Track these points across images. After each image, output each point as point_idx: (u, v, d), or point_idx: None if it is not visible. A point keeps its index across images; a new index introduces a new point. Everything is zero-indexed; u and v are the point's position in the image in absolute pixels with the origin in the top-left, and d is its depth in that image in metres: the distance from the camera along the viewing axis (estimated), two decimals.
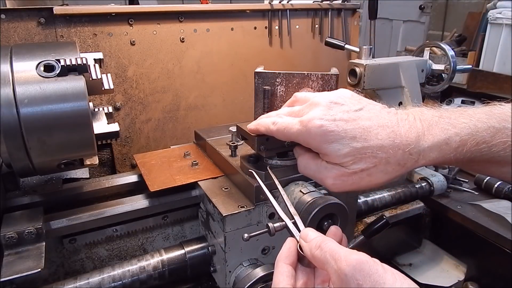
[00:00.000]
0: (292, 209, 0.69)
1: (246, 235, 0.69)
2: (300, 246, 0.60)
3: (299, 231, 0.64)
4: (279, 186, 0.76)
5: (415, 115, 0.65)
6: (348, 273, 0.49)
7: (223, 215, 0.82)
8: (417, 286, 0.49)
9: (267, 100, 0.85)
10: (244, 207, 0.85)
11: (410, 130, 0.63)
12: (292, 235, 0.64)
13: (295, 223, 0.66)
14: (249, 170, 0.84)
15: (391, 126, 0.63)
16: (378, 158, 0.62)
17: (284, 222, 0.67)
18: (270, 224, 0.68)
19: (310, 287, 0.60)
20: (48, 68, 0.77)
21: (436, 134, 0.62)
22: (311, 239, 0.57)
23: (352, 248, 0.55)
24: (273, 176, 0.79)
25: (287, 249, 0.60)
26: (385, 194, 1.28)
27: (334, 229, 0.62)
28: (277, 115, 0.74)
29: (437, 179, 1.36)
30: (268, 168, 0.82)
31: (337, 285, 0.50)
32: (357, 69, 1.18)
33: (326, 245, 0.54)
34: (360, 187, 0.67)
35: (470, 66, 1.49)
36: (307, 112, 0.67)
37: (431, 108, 0.67)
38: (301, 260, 0.60)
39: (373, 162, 0.63)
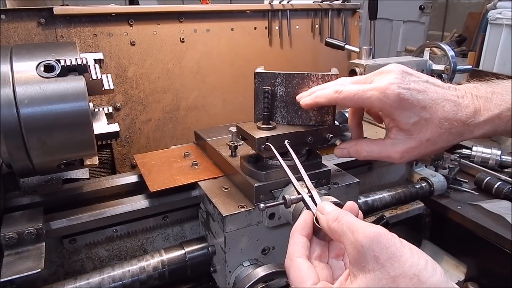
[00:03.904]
0: (309, 183, 0.69)
1: (262, 205, 0.70)
2: (316, 218, 0.60)
3: (316, 204, 0.64)
4: (297, 161, 0.76)
5: (472, 92, 0.71)
6: (364, 245, 0.49)
7: (223, 215, 0.82)
8: (435, 262, 0.48)
9: (267, 100, 0.85)
10: (244, 207, 0.85)
11: (469, 105, 0.69)
12: (308, 208, 0.64)
13: (311, 197, 0.66)
14: (267, 143, 0.82)
15: (454, 100, 0.69)
16: (443, 129, 0.69)
17: (300, 195, 0.67)
18: (287, 196, 0.68)
19: (324, 260, 0.60)
20: (48, 68, 0.77)
21: (490, 109, 0.69)
22: (328, 212, 0.58)
23: None
24: (290, 150, 0.80)
25: (303, 221, 0.61)
26: (385, 194, 1.28)
27: (350, 204, 0.62)
28: (336, 85, 0.76)
29: (437, 179, 1.36)
30: (285, 143, 0.82)
31: (353, 256, 0.50)
32: (357, 69, 1.18)
33: (343, 218, 0.55)
34: (424, 156, 0.78)
35: (470, 66, 1.49)
36: (378, 79, 0.71)
37: (483, 83, 0.73)
38: (316, 233, 0.61)
39: (438, 132, 0.69)
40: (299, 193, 0.68)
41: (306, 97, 0.80)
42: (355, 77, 0.78)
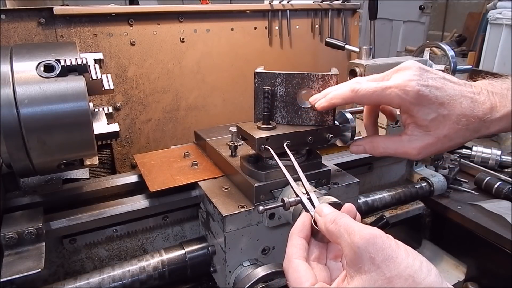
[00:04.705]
0: (307, 185, 0.69)
1: (261, 207, 0.71)
2: (314, 220, 0.61)
3: (314, 206, 0.65)
4: (295, 163, 0.76)
5: (487, 88, 0.71)
6: (361, 246, 0.49)
7: (223, 215, 0.82)
8: (430, 263, 0.49)
9: (267, 100, 0.85)
10: (244, 207, 0.85)
11: (486, 101, 0.70)
12: (307, 210, 0.65)
13: (310, 199, 0.67)
14: (265, 147, 0.82)
15: (471, 97, 0.70)
16: (460, 125, 0.69)
17: (299, 197, 0.68)
18: (286, 199, 0.69)
19: (322, 261, 0.61)
20: (48, 68, 0.77)
21: (506, 106, 0.69)
22: (326, 214, 0.58)
23: None
24: (289, 152, 0.80)
25: (302, 223, 0.62)
26: (385, 194, 1.28)
27: (348, 206, 0.62)
28: (352, 83, 0.76)
29: (437, 179, 1.36)
30: (284, 145, 0.82)
31: (350, 258, 0.51)
32: (357, 69, 1.18)
33: (341, 220, 0.55)
34: (441, 152, 0.77)
35: (470, 66, 1.49)
36: (396, 76, 0.72)
37: (498, 79, 0.73)
38: (315, 235, 0.61)
39: (455, 128, 0.69)
40: (297, 196, 0.68)
41: (321, 100, 0.80)
42: (371, 76, 0.77)
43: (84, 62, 0.79)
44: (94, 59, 0.86)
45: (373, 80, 0.75)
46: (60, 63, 0.77)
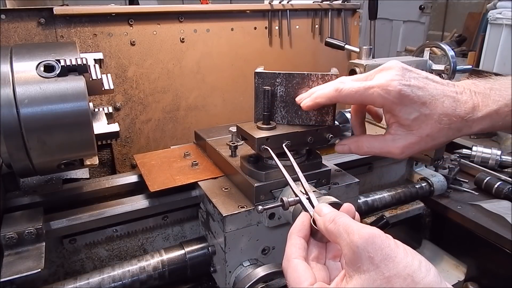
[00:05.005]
0: (306, 185, 0.69)
1: (260, 207, 0.71)
2: (313, 220, 0.61)
3: (313, 206, 0.65)
4: (294, 163, 0.76)
5: (470, 88, 0.72)
6: (360, 246, 0.49)
7: (223, 215, 0.82)
8: (428, 262, 0.49)
9: (267, 100, 0.85)
10: (244, 207, 0.85)
11: (468, 101, 0.70)
12: (306, 210, 0.65)
13: (309, 199, 0.67)
14: (264, 147, 0.82)
15: (453, 96, 0.70)
16: (442, 124, 0.70)
17: (298, 197, 0.68)
18: (285, 199, 0.69)
19: (322, 261, 0.61)
20: (48, 68, 0.77)
21: (488, 105, 0.70)
22: (325, 214, 0.59)
23: None
24: (288, 153, 0.80)
25: (301, 222, 0.62)
26: (385, 194, 1.28)
27: (347, 206, 0.63)
28: (336, 83, 0.77)
29: (437, 179, 1.36)
30: (283, 146, 0.83)
31: (349, 257, 0.51)
32: (357, 69, 1.18)
33: (340, 219, 0.55)
34: (424, 151, 0.78)
35: (470, 66, 1.49)
36: (379, 76, 0.72)
37: (482, 79, 0.74)
38: (314, 234, 0.61)
39: (438, 128, 0.70)
40: (296, 195, 0.69)
41: (306, 99, 0.80)
42: (355, 75, 0.78)
43: (84, 62, 0.79)
44: (94, 59, 0.86)
45: (357, 79, 0.76)
46: (60, 63, 0.77)
